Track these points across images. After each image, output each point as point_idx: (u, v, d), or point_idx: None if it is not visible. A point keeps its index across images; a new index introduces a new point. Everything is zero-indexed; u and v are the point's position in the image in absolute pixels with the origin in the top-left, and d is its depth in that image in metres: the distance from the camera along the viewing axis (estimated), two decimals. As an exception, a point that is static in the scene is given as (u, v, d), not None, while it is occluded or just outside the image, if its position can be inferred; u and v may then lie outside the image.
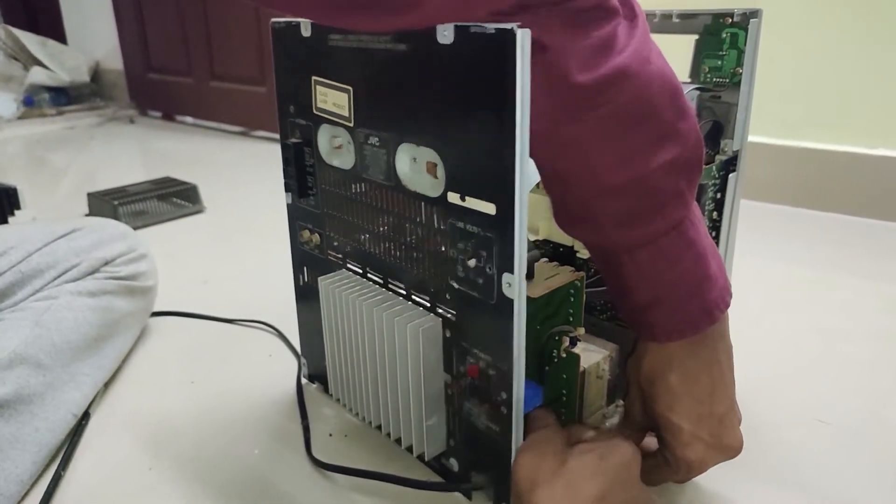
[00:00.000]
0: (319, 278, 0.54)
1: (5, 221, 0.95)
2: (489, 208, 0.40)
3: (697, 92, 0.57)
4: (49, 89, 2.33)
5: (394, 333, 0.48)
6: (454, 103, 0.41)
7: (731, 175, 0.57)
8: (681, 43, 0.59)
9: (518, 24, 0.35)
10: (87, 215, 1.20)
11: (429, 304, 0.48)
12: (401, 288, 0.51)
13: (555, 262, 0.48)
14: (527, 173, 0.38)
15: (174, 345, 0.75)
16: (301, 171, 0.55)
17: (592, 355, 0.56)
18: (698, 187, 0.55)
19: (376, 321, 0.49)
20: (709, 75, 0.57)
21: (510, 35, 0.35)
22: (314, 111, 0.52)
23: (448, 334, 0.47)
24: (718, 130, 0.59)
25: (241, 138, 1.92)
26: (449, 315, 0.47)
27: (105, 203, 1.15)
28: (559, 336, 0.48)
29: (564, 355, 0.49)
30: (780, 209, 1.19)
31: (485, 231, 0.41)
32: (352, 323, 0.52)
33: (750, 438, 0.58)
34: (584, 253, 0.61)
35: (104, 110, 2.34)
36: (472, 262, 0.43)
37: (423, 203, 0.46)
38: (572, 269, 0.47)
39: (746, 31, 0.54)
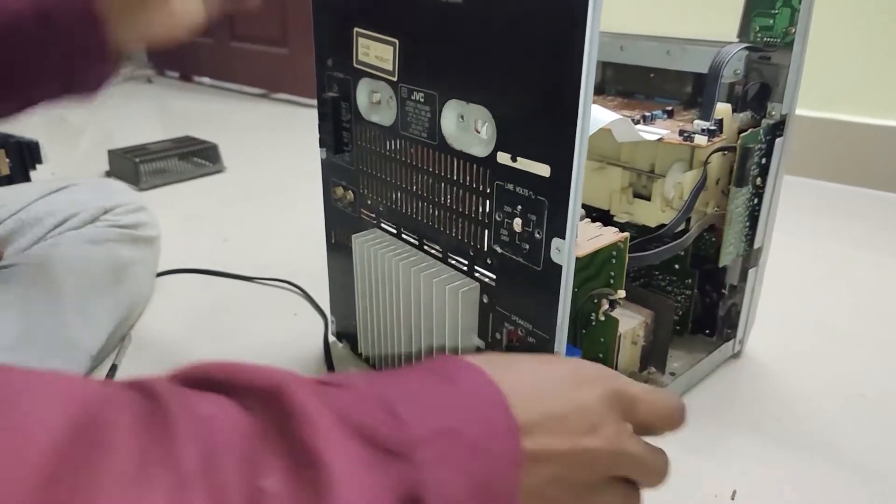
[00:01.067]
0: (353, 236, 0.53)
1: (27, 176, 0.94)
2: (542, 170, 0.39)
3: (746, 52, 0.55)
4: (67, 47, 2.31)
5: (431, 295, 0.47)
6: (513, 58, 0.39)
7: (777, 140, 0.55)
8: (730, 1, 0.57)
9: None
10: (107, 172, 1.19)
11: (466, 268, 0.47)
12: (436, 250, 0.49)
13: (598, 223, 0.47)
14: (587, 134, 0.36)
15: (196, 303, 0.75)
16: (337, 127, 0.54)
17: (628, 320, 0.55)
18: (744, 150, 0.53)
19: (413, 282, 0.48)
20: (759, 34, 0.55)
21: None
22: (354, 64, 0.51)
23: (485, 299, 0.46)
24: (766, 93, 0.56)
25: (261, 100, 1.90)
26: (487, 280, 0.45)
27: (126, 160, 1.14)
28: (598, 299, 0.47)
29: (603, 318, 0.48)
30: (809, 183, 1.16)
31: (536, 194, 0.40)
32: (386, 283, 0.51)
33: (786, 411, 0.57)
34: (620, 217, 0.60)
35: (122, 70, 2.31)
36: (517, 226, 0.41)
37: (467, 163, 0.44)
38: (616, 229, 0.46)
39: (802, -13, 0.51)
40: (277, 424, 0.24)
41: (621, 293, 0.46)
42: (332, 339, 0.66)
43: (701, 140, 0.52)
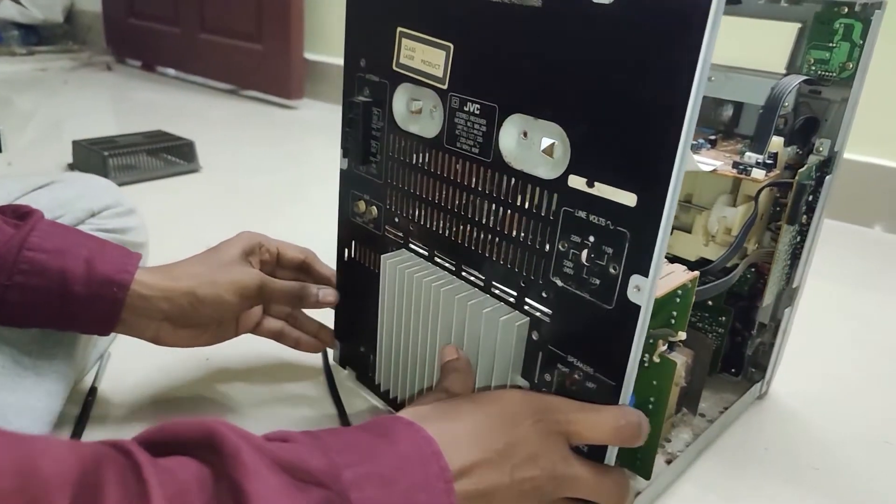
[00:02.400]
0: (383, 256, 0.48)
1: (-15, 164, 0.85)
2: (628, 199, 0.35)
3: (798, 84, 0.52)
4: (18, 26, 2.17)
5: (477, 326, 0.42)
6: (601, 72, 0.35)
7: (826, 178, 0.53)
8: (775, 29, 0.55)
9: None
10: (70, 165, 1.10)
11: (514, 300, 0.42)
12: (477, 277, 0.45)
13: (664, 259, 0.43)
14: (686, 161, 0.33)
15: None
16: (366, 135, 0.49)
17: (677, 358, 0.52)
18: (800, 187, 0.51)
19: (456, 311, 0.43)
20: (813, 67, 0.53)
21: (701, 6, 0.30)
22: (394, 67, 0.46)
23: (535, 336, 0.42)
24: (812, 127, 0.55)
25: (229, 96, 1.82)
26: (539, 314, 0.41)
27: (93, 153, 1.05)
28: (655, 339, 0.44)
29: (658, 360, 0.44)
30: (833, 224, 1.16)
31: (616, 224, 0.36)
32: (421, 310, 0.46)
33: (819, 458, 0.55)
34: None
35: (78, 54, 2.19)
36: (585, 258, 0.37)
37: (529, 185, 0.40)
38: (685, 268, 0.43)
39: (865, 22, 0.50)
40: (218, 468, 0.28)
41: (682, 335, 0.43)
42: (332, 362, 0.61)
43: (759, 174, 0.49)
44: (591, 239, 0.37)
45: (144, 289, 0.47)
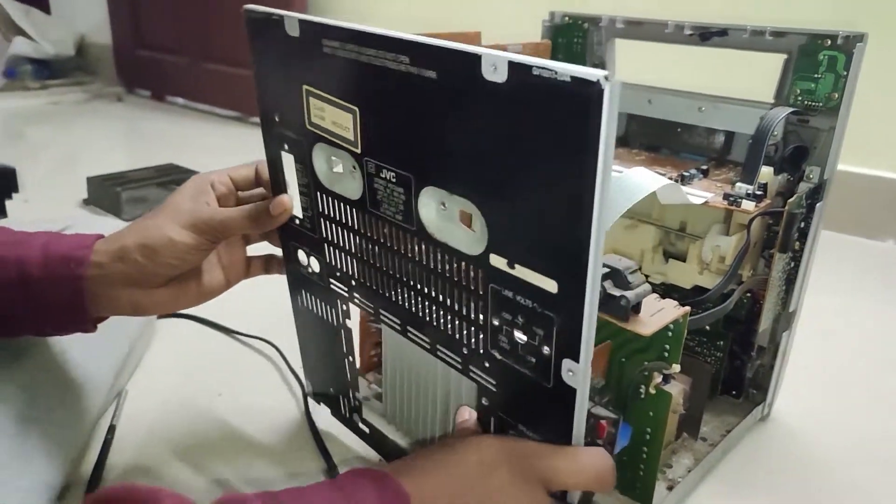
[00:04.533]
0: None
1: (2, 208, 0.88)
2: (549, 284, 0.33)
3: (785, 116, 0.54)
4: (32, 61, 2.22)
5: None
6: (503, 152, 0.32)
7: (817, 205, 0.54)
8: (764, 60, 0.56)
9: (605, 74, 0.27)
10: (85, 200, 1.13)
11: (459, 367, 0.41)
12: (423, 340, 0.43)
13: (655, 294, 0.45)
14: (601, 249, 0.30)
15: (194, 352, 0.70)
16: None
17: (672, 389, 0.53)
18: (790, 216, 0.52)
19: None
20: (800, 97, 0.54)
21: (594, 90, 0.27)
22: (307, 125, 0.43)
23: (485, 402, 0.41)
24: (801, 155, 0.56)
25: (236, 123, 1.85)
26: (486, 384, 0.40)
27: (106, 188, 1.08)
28: (650, 371, 0.45)
29: (654, 392, 0.45)
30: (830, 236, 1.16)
31: (542, 308, 0.34)
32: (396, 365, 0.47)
33: (820, 476, 0.55)
34: (654, 277, 0.58)
35: (90, 86, 2.23)
36: (520, 336, 0.36)
37: (454, 257, 0.38)
38: (676, 303, 0.44)
39: (848, 55, 0.51)
40: None
41: (676, 367, 0.44)
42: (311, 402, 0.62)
43: (748, 205, 0.51)
44: (521, 319, 0.35)
45: (99, 256, 0.44)
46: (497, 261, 0.35)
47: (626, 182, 0.49)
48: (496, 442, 0.39)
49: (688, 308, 0.43)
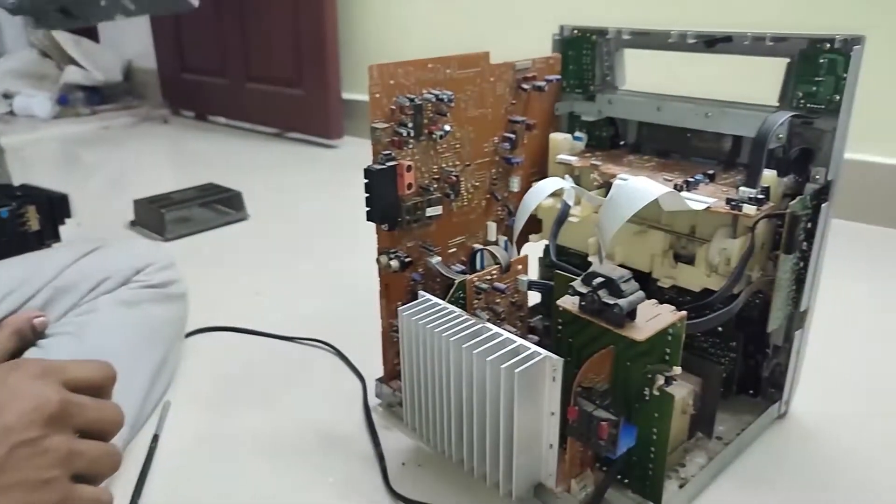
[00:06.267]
0: (399, 309, 0.53)
1: (56, 231, 0.94)
2: None
3: (790, 119, 0.55)
4: (83, 88, 2.34)
5: (485, 375, 0.46)
6: None
7: (823, 206, 0.55)
8: (770, 65, 0.57)
9: None
10: (132, 222, 1.20)
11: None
12: None
13: (653, 300, 0.46)
14: None
15: (231, 362, 0.75)
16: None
17: (678, 389, 0.54)
18: (792, 218, 0.53)
19: (465, 361, 0.48)
20: (802, 101, 0.55)
21: None
22: None
23: None
24: (808, 157, 0.57)
25: (275, 140, 1.92)
26: None
27: (151, 210, 1.15)
28: (653, 374, 0.47)
29: (657, 394, 0.47)
30: (847, 225, 1.15)
31: None
32: (434, 359, 0.51)
33: (835, 474, 0.56)
34: (664, 281, 0.60)
35: (137, 110, 2.34)
36: None
37: None
38: (673, 308, 0.46)
39: (846, 57, 0.52)
40: None
41: (677, 370, 0.46)
42: (372, 402, 0.65)
43: (750, 210, 0.52)
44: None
45: None
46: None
47: (628, 190, 0.52)
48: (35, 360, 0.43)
49: (684, 313, 0.45)
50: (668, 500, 0.51)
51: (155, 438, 0.60)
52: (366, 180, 0.54)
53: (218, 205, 1.21)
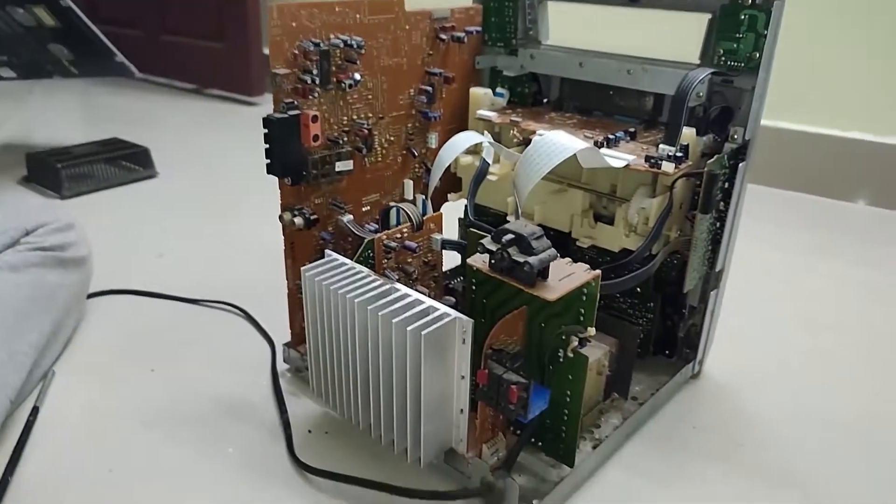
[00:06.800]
0: (302, 269, 0.49)
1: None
2: None
3: (709, 76, 0.53)
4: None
5: (391, 337, 0.44)
6: None
7: (740, 165, 0.54)
8: (693, 21, 0.56)
9: None
10: (25, 177, 1.10)
11: None
12: None
13: (567, 259, 0.45)
14: None
15: (129, 328, 0.69)
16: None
17: (593, 350, 0.53)
18: (710, 177, 0.52)
19: (371, 323, 0.45)
20: (723, 58, 0.54)
21: None
22: None
23: None
24: (728, 116, 0.56)
25: (193, 96, 1.81)
26: None
27: (46, 164, 1.06)
28: (566, 336, 0.45)
29: (571, 356, 0.46)
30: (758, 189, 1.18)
31: None
32: (339, 321, 0.47)
33: (743, 431, 0.57)
34: (583, 241, 0.58)
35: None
36: None
37: None
38: (587, 267, 0.44)
39: (767, 13, 0.51)
40: None
41: (591, 331, 0.44)
42: (281, 368, 0.62)
43: (668, 167, 0.50)
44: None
45: None
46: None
47: (545, 145, 0.49)
48: None
49: (598, 272, 0.43)
50: (581, 460, 0.50)
51: (34, 411, 0.55)
52: (265, 130, 0.50)
53: (123, 161, 1.13)
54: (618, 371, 0.56)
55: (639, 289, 0.60)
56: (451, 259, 0.63)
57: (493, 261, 0.42)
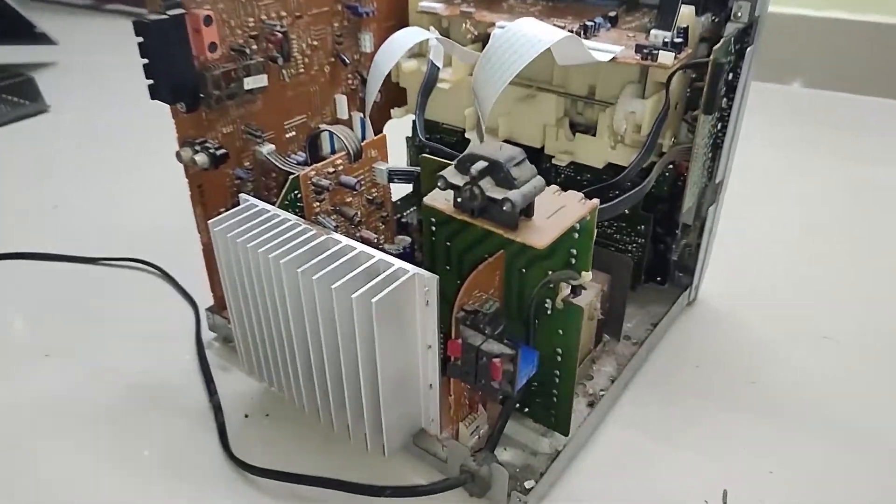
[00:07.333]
0: (210, 222, 0.38)
1: None
2: None
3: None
4: None
5: (332, 306, 0.33)
6: None
7: (747, 50, 0.44)
8: None
9: None
10: None
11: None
12: None
13: (555, 187, 0.34)
14: None
15: (17, 302, 0.57)
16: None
17: (584, 295, 0.44)
18: (716, 67, 0.42)
19: (304, 289, 0.34)
20: (725, -85, 0.42)
21: None
22: None
23: None
24: (727, -11, 0.45)
25: (90, 13, 1.59)
26: None
27: None
28: (555, 284, 0.36)
29: (561, 306, 0.36)
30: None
31: None
32: (262, 286, 0.37)
33: (749, 364, 0.50)
34: (560, 158, 0.48)
35: None
36: None
37: None
38: (581, 196, 0.34)
39: None
40: None
41: (587, 275, 0.35)
42: (207, 336, 0.52)
43: (667, 58, 0.40)
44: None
45: None
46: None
47: (511, 39, 0.38)
48: None
49: (596, 201, 0.33)
50: (577, 425, 0.41)
51: None
52: (139, 39, 0.37)
53: (4, 94, 0.96)
54: (610, 311, 0.48)
55: (627, 210, 0.51)
56: (400, 189, 0.52)
57: (459, 199, 0.32)
